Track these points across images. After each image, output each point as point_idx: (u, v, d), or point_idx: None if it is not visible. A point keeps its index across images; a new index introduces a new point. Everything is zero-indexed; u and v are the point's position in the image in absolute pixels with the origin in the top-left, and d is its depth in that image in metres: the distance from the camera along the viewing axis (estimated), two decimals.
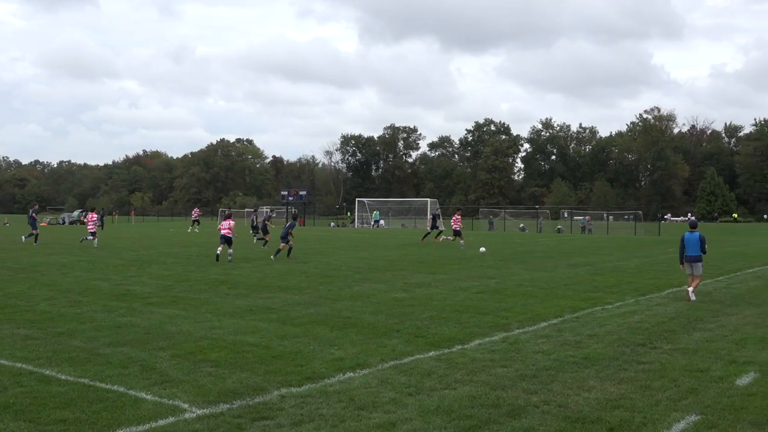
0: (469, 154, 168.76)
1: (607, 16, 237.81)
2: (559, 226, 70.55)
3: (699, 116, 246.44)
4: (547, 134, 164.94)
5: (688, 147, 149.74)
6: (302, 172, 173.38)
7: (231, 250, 26.36)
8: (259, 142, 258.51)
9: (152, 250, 32.31)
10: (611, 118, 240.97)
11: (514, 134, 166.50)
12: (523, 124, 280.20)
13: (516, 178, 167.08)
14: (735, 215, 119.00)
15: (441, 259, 28.10)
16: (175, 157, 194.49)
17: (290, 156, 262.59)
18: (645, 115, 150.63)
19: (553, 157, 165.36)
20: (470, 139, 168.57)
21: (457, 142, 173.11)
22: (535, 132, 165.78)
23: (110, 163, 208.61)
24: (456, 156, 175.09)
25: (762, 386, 8.50)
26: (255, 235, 40.00)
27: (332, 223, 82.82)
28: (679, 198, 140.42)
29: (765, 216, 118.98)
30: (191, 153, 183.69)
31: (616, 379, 8.78)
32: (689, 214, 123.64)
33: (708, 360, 9.89)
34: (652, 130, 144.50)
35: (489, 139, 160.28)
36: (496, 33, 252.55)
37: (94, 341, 10.85)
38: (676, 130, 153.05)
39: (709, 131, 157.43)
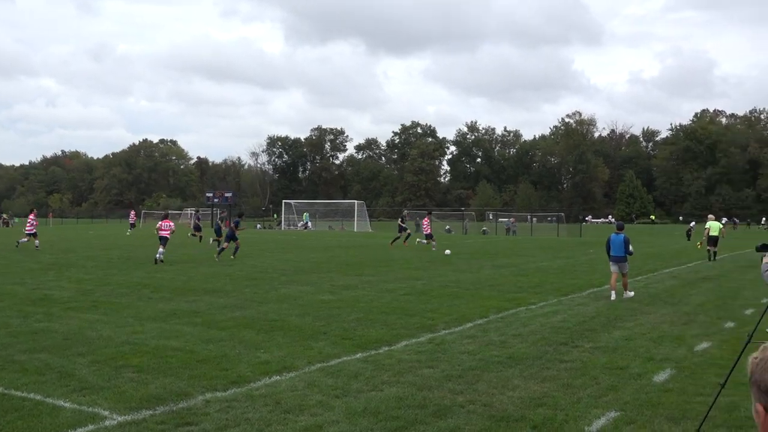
0: (396, 157, 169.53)
1: (530, 22, 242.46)
2: (484, 228, 71.61)
3: (618, 121, 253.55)
4: (473, 137, 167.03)
5: (608, 151, 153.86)
6: (228, 173, 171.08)
7: (162, 249, 26.63)
8: (183, 143, 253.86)
9: (71, 254, 31.37)
10: (534, 122, 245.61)
11: (441, 137, 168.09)
12: (449, 127, 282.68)
13: (442, 180, 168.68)
14: (652, 217, 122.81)
15: (368, 261, 28.15)
16: (95, 158, 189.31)
17: (215, 157, 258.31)
18: (567, 119, 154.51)
19: (479, 159, 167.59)
20: (397, 141, 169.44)
21: (384, 145, 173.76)
22: (461, 135, 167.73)
23: (26, 163, 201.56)
24: (383, 158, 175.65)
25: (678, 382, 8.80)
26: (193, 235, 42.78)
27: (258, 225, 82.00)
28: (600, 200, 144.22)
29: (680, 218, 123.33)
30: (112, 153, 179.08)
31: (540, 377, 8.96)
32: (609, 216, 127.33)
33: (627, 358, 10.18)
34: (573, 134, 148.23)
35: (416, 142, 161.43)
36: (422, 36, 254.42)
37: (8, 348, 10.46)
38: (596, 134, 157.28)
39: (628, 135, 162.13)
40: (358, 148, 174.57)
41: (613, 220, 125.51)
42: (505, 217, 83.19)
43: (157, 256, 26.18)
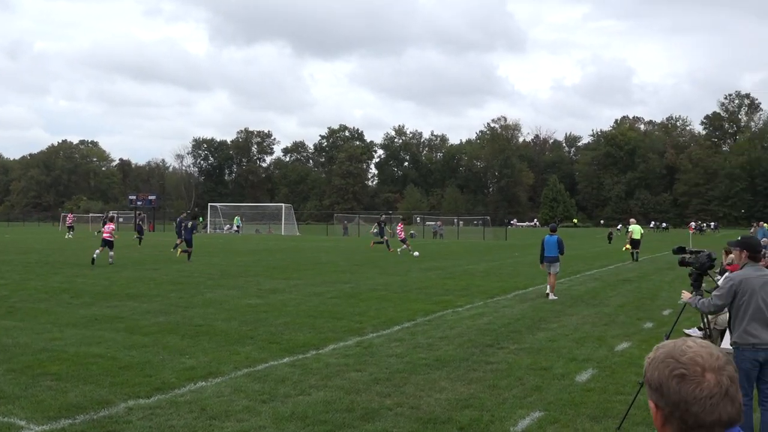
0: (323, 160, 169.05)
1: (455, 28, 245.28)
2: (412, 231, 71.92)
3: (542, 126, 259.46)
4: (400, 141, 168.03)
5: (533, 155, 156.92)
6: (151, 175, 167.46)
7: (112, 253, 27.42)
8: (105, 144, 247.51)
9: None
10: (460, 127, 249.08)
11: (368, 140, 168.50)
12: (376, 131, 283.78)
13: (370, 183, 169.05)
14: (575, 220, 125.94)
15: (295, 265, 27.99)
16: (11, 159, 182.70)
17: (139, 159, 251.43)
18: (492, 125, 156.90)
19: (406, 163, 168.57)
20: (325, 144, 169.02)
21: (312, 148, 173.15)
22: (389, 139, 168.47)
23: None
24: (311, 161, 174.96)
25: (599, 382, 9.03)
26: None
27: None
28: (525, 204, 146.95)
29: (602, 221, 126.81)
30: (30, 155, 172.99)
31: (466, 379, 9.06)
32: (535, 220, 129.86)
33: (551, 358, 10.39)
34: (499, 139, 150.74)
35: (343, 145, 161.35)
36: (348, 40, 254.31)
37: None
38: (521, 139, 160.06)
39: (551, 141, 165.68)
40: (286, 151, 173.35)
41: (537, 223, 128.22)
42: (433, 220, 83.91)
43: (94, 255, 27.03)
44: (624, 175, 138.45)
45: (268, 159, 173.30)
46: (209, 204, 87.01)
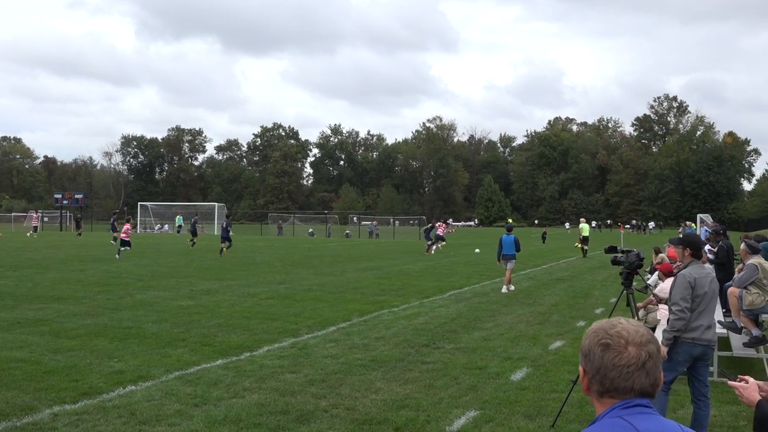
0: (257, 158, 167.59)
1: (388, 27, 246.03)
2: (347, 231, 72.07)
3: (477, 126, 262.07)
4: (336, 140, 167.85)
5: (468, 155, 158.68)
6: (78, 174, 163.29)
7: (123, 249, 30.97)
8: (28, 141, 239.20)
9: None
10: (396, 126, 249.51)
11: (303, 139, 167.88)
12: (311, 129, 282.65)
13: (305, 183, 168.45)
14: (510, 220, 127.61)
15: (228, 265, 27.68)
16: None
17: (65, 157, 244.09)
18: (428, 124, 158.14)
19: (342, 162, 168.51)
20: (258, 143, 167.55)
21: (245, 146, 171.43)
22: (324, 137, 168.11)
23: None
24: (244, 160, 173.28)
25: (533, 380, 9.18)
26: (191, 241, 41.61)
27: None
28: (460, 204, 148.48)
29: (536, 221, 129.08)
30: None
31: (402, 379, 9.10)
32: (475, 220, 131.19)
33: (486, 358, 10.51)
34: (434, 139, 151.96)
35: (278, 144, 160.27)
36: (279, 37, 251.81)
37: None
38: (456, 139, 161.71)
39: (486, 141, 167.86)
40: (219, 149, 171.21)
41: (476, 222, 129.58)
42: (368, 220, 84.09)
43: (117, 255, 30.41)
44: (557, 175, 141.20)
45: (201, 157, 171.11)
46: (139, 203, 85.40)
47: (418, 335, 12.29)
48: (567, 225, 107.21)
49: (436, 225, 41.14)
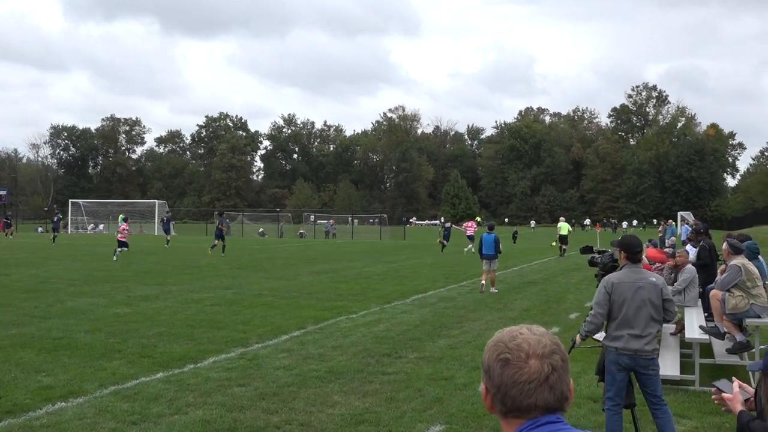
0: (202, 151, 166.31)
1: (344, 8, 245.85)
2: (301, 231, 71.91)
3: (442, 117, 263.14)
4: (289, 131, 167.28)
5: (433, 148, 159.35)
6: (1, 168, 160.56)
7: (120, 250, 31.89)
8: None
9: None
10: (354, 116, 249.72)
11: (253, 130, 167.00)
12: (262, 120, 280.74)
13: (255, 178, 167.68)
14: (478, 219, 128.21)
15: (170, 268, 27.44)
16: None
17: None
18: (389, 115, 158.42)
19: (295, 156, 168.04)
20: (203, 134, 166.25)
21: (189, 138, 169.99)
22: (276, 128, 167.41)
23: None
24: (188, 153, 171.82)
25: None
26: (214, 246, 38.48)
27: (40, 228, 77.57)
28: (425, 201, 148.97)
29: (506, 219, 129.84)
30: None
31: (361, 392, 9.10)
32: (442, 218, 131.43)
33: (452, 368, 10.57)
34: (396, 131, 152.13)
35: (224, 135, 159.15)
36: (225, 17, 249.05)
37: None
38: (420, 131, 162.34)
39: (453, 133, 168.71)
40: (159, 141, 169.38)
41: (443, 221, 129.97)
42: (324, 218, 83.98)
43: (114, 258, 31.24)
44: (529, 170, 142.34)
45: (139, 150, 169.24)
46: (70, 200, 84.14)
47: (379, 344, 12.31)
48: (532, 223, 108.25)
49: (466, 225, 42.48)
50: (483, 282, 20.55)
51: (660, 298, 6.83)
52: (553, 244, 40.93)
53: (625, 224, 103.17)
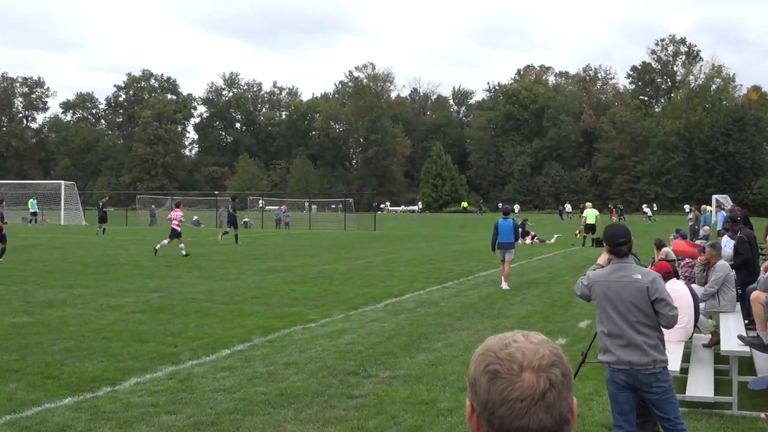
0: (121, 120, 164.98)
1: None
2: (246, 219, 71.65)
3: (421, 77, 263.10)
4: (230, 95, 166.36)
5: (410, 116, 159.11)
6: None
7: (182, 244, 32.92)
8: None
9: None
10: (311, 76, 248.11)
11: (185, 93, 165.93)
12: (195, 80, 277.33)
13: (188, 153, 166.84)
14: (464, 204, 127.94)
15: (81, 267, 27.27)
16: None
17: None
18: (356, 74, 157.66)
19: (238, 125, 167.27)
20: (122, 98, 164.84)
21: (104, 103, 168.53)
22: (214, 91, 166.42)
23: None
24: (102, 122, 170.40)
25: None
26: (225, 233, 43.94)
27: None
28: (401, 182, 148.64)
29: (500, 204, 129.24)
30: None
31: (321, 420, 9.12)
32: (419, 204, 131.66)
33: (434, 389, 10.60)
34: (364, 94, 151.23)
35: (149, 100, 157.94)
36: None
37: None
38: (394, 95, 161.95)
39: (435, 97, 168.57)
40: (66, 106, 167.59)
41: (420, 207, 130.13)
42: (275, 204, 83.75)
43: (158, 246, 32.64)
44: (530, 143, 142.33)
45: (40, 118, 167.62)
46: None
47: (343, 360, 12.32)
48: (516, 207, 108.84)
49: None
50: (504, 284, 21.92)
51: (647, 299, 6.93)
52: (578, 234, 43.18)
53: (647, 211, 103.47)
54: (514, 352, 1.94)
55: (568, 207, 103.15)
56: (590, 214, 40.93)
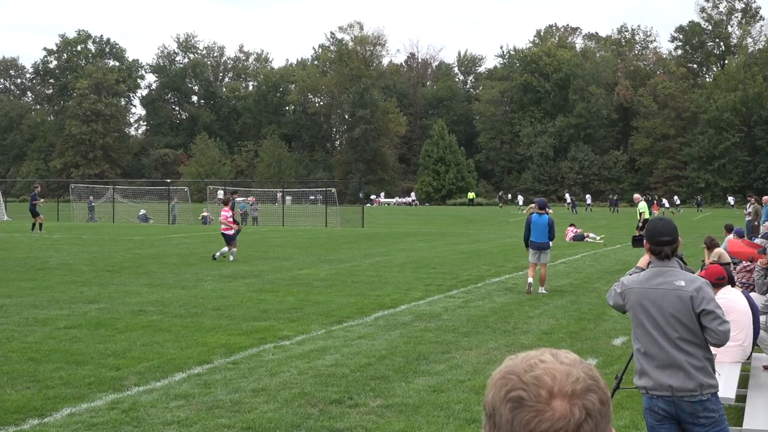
0: (51, 91, 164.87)
1: None
2: (204, 213, 71.62)
3: (419, 41, 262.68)
4: (185, 60, 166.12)
5: (406, 88, 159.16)
6: None
7: (231, 249, 32.52)
8: None
9: None
10: (286, 38, 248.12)
11: (130, 59, 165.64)
12: (143, 43, 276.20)
13: (133, 132, 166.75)
14: (471, 195, 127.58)
15: (1, 272, 27.20)
16: None
17: None
18: (339, 35, 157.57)
19: (195, 98, 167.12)
20: (53, 65, 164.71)
21: (31, 70, 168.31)
22: (166, 56, 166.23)
23: None
24: (29, 94, 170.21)
25: None
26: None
27: None
28: (394, 167, 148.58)
29: (519, 196, 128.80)
30: None
31: None
32: (412, 194, 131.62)
33: (436, 420, 10.61)
34: (350, 60, 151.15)
35: (86, 67, 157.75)
36: None
37: None
38: (386, 61, 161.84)
39: (435, 64, 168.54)
40: None
41: (413, 198, 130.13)
42: (241, 195, 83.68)
43: (217, 254, 32.41)
44: (552, 121, 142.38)
45: None
46: None
47: (324, 385, 12.32)
48: (520, 200, 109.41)
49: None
50: (530, 280, 22.98)
51: (690, 311, 6.82)
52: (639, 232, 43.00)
53: (699, 203, 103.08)
54: (542, 375, 1.92)
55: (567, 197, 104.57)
56: (643, 207, 42.26)
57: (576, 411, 1.87)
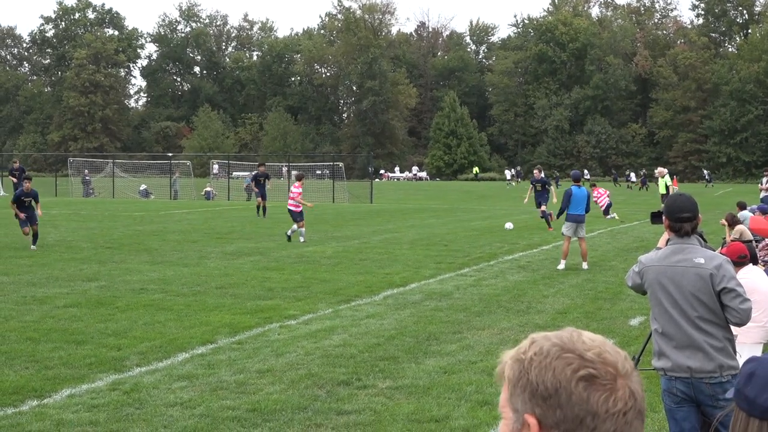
0: (48, 62, 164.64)
1: None
2: (208, 188, 71.58)
3: (430, 9, 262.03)
4: (188, 30, 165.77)
5: (416, 59, 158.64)
6: None
7: (298, 228, 31.24)
8: None
9: None
10: (291, 7, 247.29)
11: (130, 28, 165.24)
12: (143, 12, 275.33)
13: (134, 104, 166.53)
14: (475, 170, 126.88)
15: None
16: None
17: None
18: (347, 3, 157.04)
19: (197, 69, 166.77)
20: (50, 34, 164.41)
21: (28, 40, 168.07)
22: (167, 25, 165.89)
23: None
24: (26, 64, 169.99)
25: None
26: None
27: None
28: (403, 141, 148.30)
29: (533, 170, 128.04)
30: None
31: None
32: (415, 168, 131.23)
33: (447, 402, 10.62)
34: (358, 29, 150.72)
35: (84, 36, 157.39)
36: None
37: None
38: (395, 31, 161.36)
39: (446, 33, 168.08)
40: None
41: (422, 173, 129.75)
42: (245, 170, 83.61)
43: (288, 232, 31.55)
44: (568, 92, 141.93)
45: None
46: None
47: (332, 366, 12.33)
48: (508, 174, 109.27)
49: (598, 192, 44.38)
50: (564, 259, 23.76)
51: (710, 289, 6.79)
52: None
53: (710, 179, 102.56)
54: (602, 353, 1.91)
55: (536, 173, 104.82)
56: (663, 183, 43.45)
57: (637, 389, 1.90)
